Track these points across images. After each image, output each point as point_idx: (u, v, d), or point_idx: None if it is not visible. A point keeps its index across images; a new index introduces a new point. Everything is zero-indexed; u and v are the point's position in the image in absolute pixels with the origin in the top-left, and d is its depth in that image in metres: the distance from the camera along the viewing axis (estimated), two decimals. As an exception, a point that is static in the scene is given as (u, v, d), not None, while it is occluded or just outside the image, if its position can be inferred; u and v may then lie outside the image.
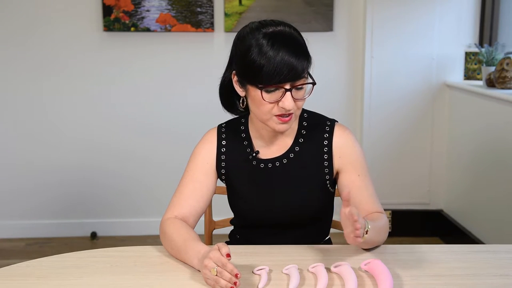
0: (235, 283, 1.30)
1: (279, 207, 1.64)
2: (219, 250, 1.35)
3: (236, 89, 1.60)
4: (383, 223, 1.59)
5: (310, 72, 1.55)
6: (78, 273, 1.45)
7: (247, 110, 1.68)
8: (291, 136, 1.65)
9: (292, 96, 1.49)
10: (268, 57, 1.46)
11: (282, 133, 1.61)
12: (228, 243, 1.79)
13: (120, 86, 3.65)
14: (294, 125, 1.65)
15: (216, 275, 1.31)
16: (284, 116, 1.51)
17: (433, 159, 3.70)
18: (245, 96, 1.57)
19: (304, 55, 1.49)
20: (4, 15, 3.54)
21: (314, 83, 1.53)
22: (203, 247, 1.43)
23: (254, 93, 1.51)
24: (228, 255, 1.33)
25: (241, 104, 1.61)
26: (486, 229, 3.23)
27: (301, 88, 1.51)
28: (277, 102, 1.49)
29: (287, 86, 1.48)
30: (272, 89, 1.48)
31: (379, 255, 1.52)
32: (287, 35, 1.50)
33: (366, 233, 1.45)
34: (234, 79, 1.58)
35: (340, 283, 1.38)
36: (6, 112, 3.64)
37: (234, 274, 1.30)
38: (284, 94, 1.48)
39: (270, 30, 1.50)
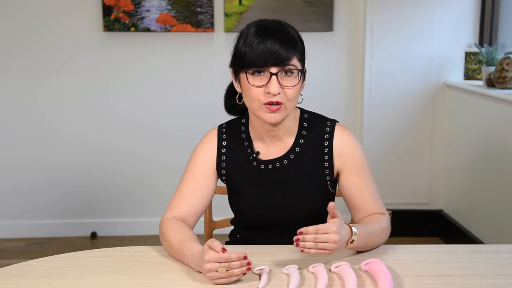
0: (248, 263, 1.34)
1: (280, 208, 1.63)
2: (212, 248, 1.35)
3: (234, 86, 1.62)
4: (381, 226, 1.58)
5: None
6: (78, 273, 1.44)
7: (245, 111, 1.69)
8: (291, 137, 1.65)
9: (280, 83, 1.50)
10: (254, 41, 1.51)
11: (273, 125, 1.59)
12: (228, 243, 1.79)
13: (120, 86, 3.64)
14: (294, 125, 1.65)
15: (226, 270, 1.33)
16: (273, 104, 1.52)
17: (433, 159, 3.70)
18: (241, 92, 1.59)
19: (291, 42, 1.52)
20: (4, 15, 3.53)
21: (302, 71, 1.55)
22: (197, 250, 1.42)
23: (243, 79, 1.54)
24: (224, 250, 1.34)
25: (237, 100, 1.63)
26: (486, 229, 3.23)
27: (289, 75, 1.52)
28: (264, 86, 1.51)
29: (273, 70, 1.50)
30: (258, 72, 1.51)
31: (379, 255, 1.52)
32: (277, 25, 1.56)
33: (352, 243, 1.46)
34: (232, 74, 1.62)
35: (340, 283, 1.38)
36: (6, 112, 3.64)
37: (242, 258, 1.33)
38: (270, 78, 1.50)
39: (263, 21, 1.57)
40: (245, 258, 1.34)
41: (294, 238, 1.39)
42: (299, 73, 1.54)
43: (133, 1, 3.50)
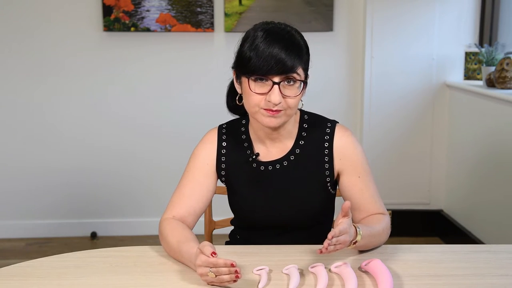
0: (236, 272, 1.30)
1: (280, 209, 1.63)
2: (202, 253, 1.34)
3: (235, 85, 1.62)
4: (382, 226, 1.58)
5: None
6: (78, 273, 1.44)
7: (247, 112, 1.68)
8: (291, 138, 1.65)
9: (282, 92, 1.49)
10: (259, 47, 1.49)
11: (273, 129, 1.58)
12: (228, 243, 1.79)
13: (120, 86, 3.64)
14: (294, 127, 1.65)
15: (216, 275, 1.31)
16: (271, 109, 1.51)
17: (433, 159, 3.70)
18: (242, 94, 1.58)
19: (297, 52, 1.50)
20: (4, 15, 3.53)
21: (305, 82, 1.54)
22: (195, 251, 1.41)
23: (245, 84, 1.53)
24: (214, 253, 1.32)
25: (237, 101, 1.62)
26: (486, 229, 3.23)
27: (291, 85, 1.51)
28: (265, 94, 1.50)
29: (276, 79, 1.49)
30: (260, 80, 1.50)
31: (379, 255, 1.52)
32: (284, 32, 1.53)
33: (355, 244, 1.45)
34: (234, 75, 1.61)
35: (340, 283, 1.38)
36: (5, 112, 3.64)
37: (229, 265, 1.30)
38: (272, 87, 1.49)
39: (270, 26, 1.54)
40: (232, 265, 1.30)
41: (325, 245, 1.33)
42: (302, 83, 1.54)
43: (133, 1, 3.50)
